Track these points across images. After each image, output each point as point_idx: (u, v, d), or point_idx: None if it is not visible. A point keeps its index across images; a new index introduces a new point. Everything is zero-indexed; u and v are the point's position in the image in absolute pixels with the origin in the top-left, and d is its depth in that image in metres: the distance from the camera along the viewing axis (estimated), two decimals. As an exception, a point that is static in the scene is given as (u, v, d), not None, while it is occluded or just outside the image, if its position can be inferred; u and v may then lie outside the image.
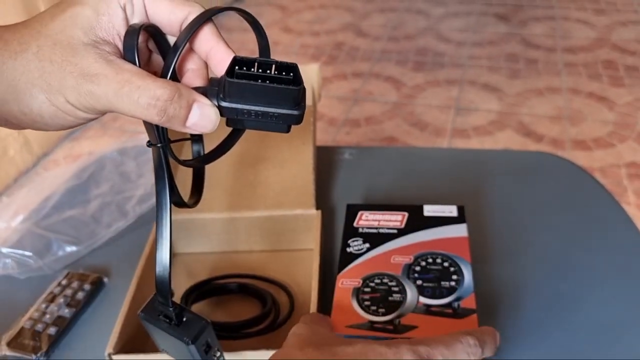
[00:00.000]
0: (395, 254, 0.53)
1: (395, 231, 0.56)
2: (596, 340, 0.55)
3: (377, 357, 0.35)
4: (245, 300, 0.62)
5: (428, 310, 0.47)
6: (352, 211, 0.59)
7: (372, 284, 0.50)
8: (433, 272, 0.50)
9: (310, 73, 0.78)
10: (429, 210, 0.58)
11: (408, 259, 0.52)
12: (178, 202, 0.37)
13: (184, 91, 0.32)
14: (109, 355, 0.51)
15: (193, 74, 0.36)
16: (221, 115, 0.33)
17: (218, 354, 0.40)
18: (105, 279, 0.66)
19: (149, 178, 0.78)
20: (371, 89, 2.42)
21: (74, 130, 2.24)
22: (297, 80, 0.32)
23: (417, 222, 0.57)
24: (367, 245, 0.55)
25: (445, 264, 0.51)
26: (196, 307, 0.61)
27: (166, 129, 0.34)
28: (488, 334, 0.39)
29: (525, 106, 2.23)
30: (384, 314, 0.47)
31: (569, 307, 0.58)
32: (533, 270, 0.62)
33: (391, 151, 1.06)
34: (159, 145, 0.34)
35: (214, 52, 0.35)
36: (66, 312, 0.61)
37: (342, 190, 0.76)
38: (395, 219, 0.57)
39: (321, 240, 0.62)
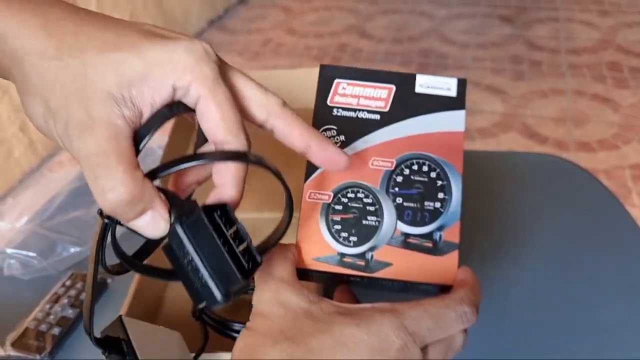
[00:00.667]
0: (375, 155, 0.43)
1: (377, 117, 0.44)
2: (599, 341, 0.55)
3: (358, 345, 0.31)
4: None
5: (405, 242, 0.40)
6: (327, 77, 0.46)
7: (344, 200, 0.41)
8: (417, 187, 0.42)
9: (315, 76, 0.78)
10: (422, 84, 0.46)
11: (389, 164, 0.43)
12: (107, 269, 0.34)
13: (146, 196, 0.29)
14: (111, 355, 0.51)
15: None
16: (167, 235, 0.31)
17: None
18: (109, 280, 0.66)
19: (153, 179, 0.78)
20: (375, 91, 2.41)
21: (79, 132, 2.25)
22: (246, 275, 0.31)
23: (405, 103, 0.45)
24: (342, 137, 0.43)
25: (433, 175, 0.43)
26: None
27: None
28: (477, 285, 0.36)
29: (529, 108, 2.23)
30: (355, 244, 0.40)
31: (573, 308, 0.58)
32: (536, 272, 0.62)
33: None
34: (106, 220, 0.31)
35: (222, 182, 0.33)
36: (70, 312, 0.61)
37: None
38: (379, 96, 0.45)
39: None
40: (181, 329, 0.46)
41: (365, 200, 0.42)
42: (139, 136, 0.30)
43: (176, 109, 0.31)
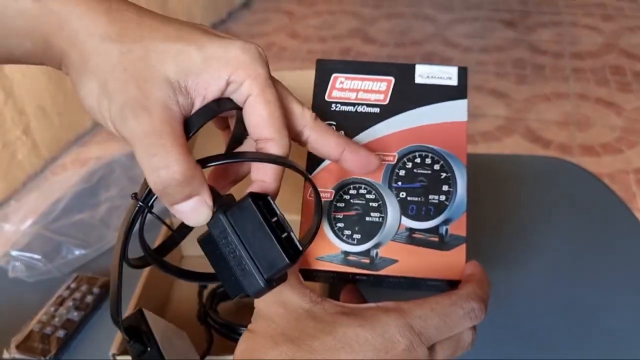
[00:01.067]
0: (377, 150, 0.42)
1: (377, 110, 0.43)
2: (605, 346, 0.54)
3: (363, 346, 0.31)
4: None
5: (410, 237, 0.39)
6: (324, 72, 0.44)
7: (346, 197, 0.40)
8: (420, 180, 0.41)
9: None
10: (422, 73, 0.44)
11: (391, 158, 0.41)
12: (129, 263, 0.34)
13: (196, 180, 0.30)
14: (113, 355, 0.51)
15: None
16: (208, 224, 0.31)
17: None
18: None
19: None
20: (378, 95, 2.42)
21: (83, 135, 2.26)
22: (292, 257, 0.31)
23: (405, 95, 0.43)
24: (342, 133, 0.41)
25: (436, 167, 0.41)
26: (222, 307, 0.60)
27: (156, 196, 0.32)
28: (485, 280, 0.35)
29: (533, 112, 2.22)
30: (359, 242, 0.39)
31: (579, 312, 0.58)
32: (543, 275, 0.62)
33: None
34: (139, 204, 0.31)
35: (262, 178, 0.33)
36: (75, 315, 0.61)
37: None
38: (379, 89, 0.44)
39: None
40: (185, 331, 0.46)
41: (367, 196, 0.40)
42: (187, 126, 0.31)
43: (224, 105, 0.32)
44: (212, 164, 0.31)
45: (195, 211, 0.30)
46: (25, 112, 1.99)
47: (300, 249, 0.32)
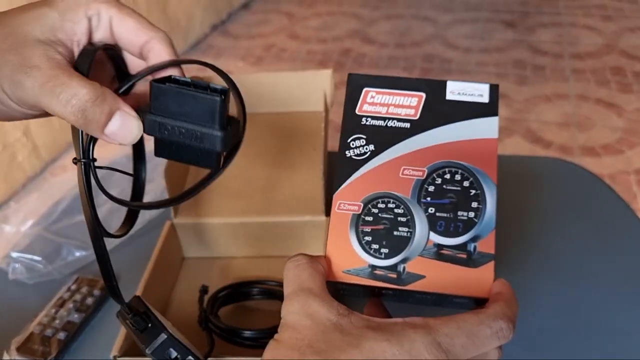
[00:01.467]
0: (406, 164, 0.42)
1: (407, 125, 0.44)
2: (607, 344, 0.54)
3: None
4: (270, 305, 0.62)
5: (438, 253, 0.39)
6: (356, 87, 0.45)
7: (374, 210, 0.41)
8: (449, 196, 0.41)
9: (323, 78, 0.78)
10: (454, 90, 0.45)
11: (420, 173, 0.42)
12: (104, 231, 0.36)
13: (108, 97, 0.32)
14: (114, 357, 0.51)
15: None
16: (145, 130, 0.33)
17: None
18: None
19: (159, 183, 0.78)
20: (378, 96, 2.41)
21: (82, 136, 2.25)
22: (221, 95, 0.32)
23: (436, 111, 0.44)
24: (372, 147, 0.43)
25: (466, 184, 0.41)
26: (223, 312, 0.60)
27: (93, 145, 0.33)
28: (513, 298, 0.35)
29: (533, 112, 2.22)
30: (387, 256, 0.39)
31: (582, 313, 0.57)
32: (544, 276, 0.62)
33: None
34: (82, 160, 0.33)
35: (160, 72, 0.36)
36: (76, 317, 0.61)
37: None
38: (409, 104, 0.44)
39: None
40: (186, 336, 0.45)
41: (396, 210, 0.41)
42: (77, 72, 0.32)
43: (98, 44, 0.35)
44: (124, 87, 0.33)
45: (124, 126, 0.32)
46: (25, 113, 1.99)
47: (221, 88, 0.33)
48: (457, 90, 0.45)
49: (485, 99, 0.44)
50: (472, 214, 0.40)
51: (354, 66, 2.65)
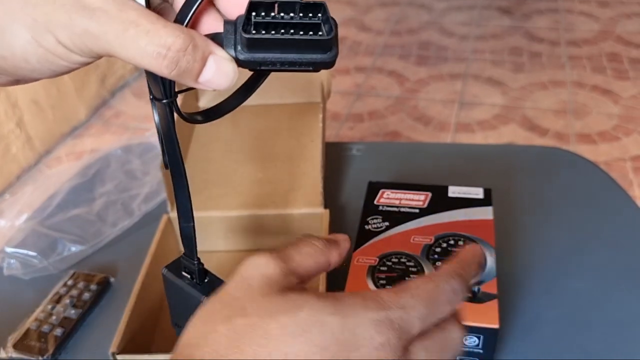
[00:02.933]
0: (416, 234, 0.51)
1: (417, 211, 0.54)
2: (604, 333, 0.54)
3: (323, 335, 0.25)
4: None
5: None
6: (374, 188, 0.58)
7: (389, 263, 0.48)
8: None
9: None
10: (454, 191, 0.57)
11: (428, 240, 0.51)
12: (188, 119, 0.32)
13: (199, 41, 0.27)
14: (113, 354, 0.50)
15: (204, 21, 0.30)
16: (239, 66, 0.29)
17: None
18: (112, 279, 0.65)
19: (155, 176, 0.77)
20: (374, 84, 2.40)
21: (77, 128, 2.24)
22: (328, 23, 0.27)
23: (441, 202, 0.55)
24: (387, 223, 0.53)
25: None
26: None
27: (174, 82, 0.29)
28: (470, 261, 0.31)
29: (530, 100, 2.21)
30: None
31: (581, 303, 0.57)
32: (541, 265, 0.61)
33: (398, 146, 1.05)
34: (164, 101, 0.29)
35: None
36: (72, 312, 0.60)
37: (350, 188, 0.75)
38: (418, 199, 0.56)
39: (330, 239, 0.61)
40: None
41: (407, 263, 0.48)
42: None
43: None
44: (190, 15, 0.27)
45: (219, 71, 0.28)
46: (18, 105, 1.97)
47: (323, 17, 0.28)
48: (457, 192, 0.57)
49: (480, 196, 0.57)
50: None
51: (349, 54, 2.63)
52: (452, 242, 0.50)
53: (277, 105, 0.79)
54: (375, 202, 0.56)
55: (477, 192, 0.57)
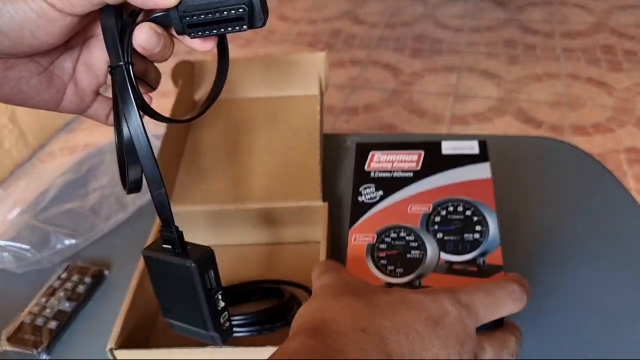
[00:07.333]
0: (412, 203, 0.48)
1: (411, 174, 0.51)
2: (601, 323, 0.54)
3: (417, 306, 0.34)
4: (266, 304, 0.60)
5: (451, 268, 0.43)
6: (363, 152, 0.54)
7: (388, 240, 0.46)
8: (455, 223, 0.46)
9: (317, 61, 0.76)
10: (448, 147, 0.53)
11: (427, 208, 0.47)
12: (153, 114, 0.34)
13: None
14: (111, 350, 0.50)
15: None
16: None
17: (222, 304, 0.36)
18: (106, 272, 0.65)
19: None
20: (369, 77, 2.40)
21: (70, 122, 2.22)
22: None
23: (435, 162, 0.52)
24: (381, 193, 0.50)
25: (468, 213, 0.47)
26: None
27: (131, 44, 0.32)
28: (526, 281, 0.38)
29: (525, 92, 2.22)
30: (402, 275, 0.43)
31: (578, 293, 0.57)
32: (537, 256, 0.61)
33: (394, 139, 1.05)
34: (120, 63, 0.31)
35: None
36: (67, 306, 0.60)
37: (348, 181, 0.75)
38: (411, 160, 0.52)
39: (328, 233, 0.61)
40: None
41: (407, 238, 0.45)
42: None
43: None
44: None
45: None
46: (11, 99, 1.96)
47: None
48: (451, 148, 0.53)
49: (475, 151, 0.53)
50: (477, 236, 0.45)
51: (344, 47, 2.62)
52: (451, 208, 0.47)
53: (274, 98, 0.79)
54: (366, 168, 0.52)
55: (472, 147, 0.53)
